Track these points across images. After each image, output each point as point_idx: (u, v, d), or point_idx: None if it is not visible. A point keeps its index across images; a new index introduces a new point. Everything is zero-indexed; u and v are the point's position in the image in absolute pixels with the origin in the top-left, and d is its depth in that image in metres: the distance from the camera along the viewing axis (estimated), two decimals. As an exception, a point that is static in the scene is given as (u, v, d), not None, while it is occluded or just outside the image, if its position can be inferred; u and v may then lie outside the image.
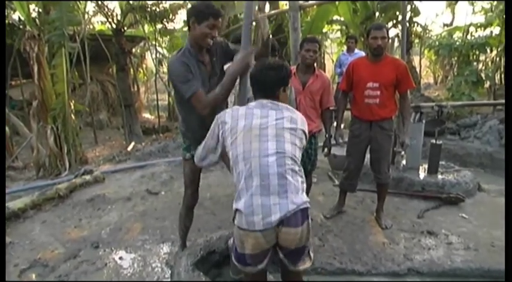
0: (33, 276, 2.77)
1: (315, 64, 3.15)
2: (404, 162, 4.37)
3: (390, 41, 10.55)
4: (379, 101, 3.11)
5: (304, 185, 1.75)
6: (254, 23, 2.59)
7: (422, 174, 4.20)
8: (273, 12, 6.55)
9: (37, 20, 5.71)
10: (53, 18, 5.25)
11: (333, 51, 15.64)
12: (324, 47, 16.58)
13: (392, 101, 3.21)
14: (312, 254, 1.87)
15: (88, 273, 2.75)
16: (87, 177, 4.63)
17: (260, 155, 1.68)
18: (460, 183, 3.94)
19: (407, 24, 11.81)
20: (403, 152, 4.11)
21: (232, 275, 2.37)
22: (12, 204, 3.76)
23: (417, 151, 4.33)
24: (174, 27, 10.11)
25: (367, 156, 3.40)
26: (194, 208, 2.68)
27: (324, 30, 12.22)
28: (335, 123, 3.42)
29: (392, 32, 10.64)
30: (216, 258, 2.58)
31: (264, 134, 1.72)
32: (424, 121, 4.42)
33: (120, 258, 2.93)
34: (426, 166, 4.25)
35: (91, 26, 10.24)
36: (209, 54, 2.31)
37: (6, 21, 6.21)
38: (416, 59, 13.29)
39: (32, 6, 5.86)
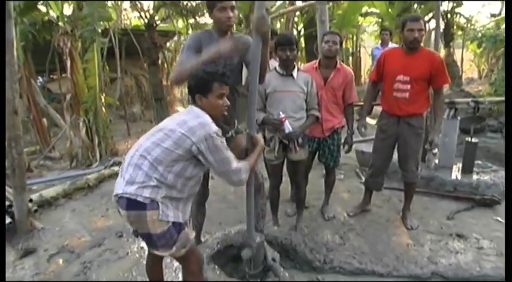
0: (60, 261, 2.90)
1: (337, 58, 3.04)
2: (436, 160, 4.16)
3: (428, 33, 10.07)
4: (408, 96, 2.94)
5: (152, 183, 1.79)
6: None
7: (455, 173, 3.98)
8: (302, 4, 6.42)
9: (71, 17, 5.92)
10: (85, 14, 5.44)
11: (370, 45, 15.20)
12: (360, 41, 16.12)
13: (424, 97, 3.01)
14: (177, 250, 1.88)
15: (110, 261, 2.84)
16: (116, 168, 4.77)
17: (133, 147, 1.95)
18: (497, 184, 3.68)
19: (449, 15, 11.24)
20: (435, 150, 3.91)
21: (247, 270, 2.36)
22: (46, 193, 3.98)
23: (451, 149, 4.11)
24: (206, 22, 10.17)
25: (396, 153, 3.25)
26: (205, 204, 2.72)
27: (360, 22, 11.86)
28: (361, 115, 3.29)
29: (432, 24, 10.15)
30: (233, 252, 2.58)
31: (150, 133, 1.94)
32: (459, 118, 4.17)
33: (142, 248, 2.98)
34: (460, 165, 4.02)
35: (128, 22, 10.55)
36: None
37: (46, 18, 6.50)
38: (458, 52, 12.61)
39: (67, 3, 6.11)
